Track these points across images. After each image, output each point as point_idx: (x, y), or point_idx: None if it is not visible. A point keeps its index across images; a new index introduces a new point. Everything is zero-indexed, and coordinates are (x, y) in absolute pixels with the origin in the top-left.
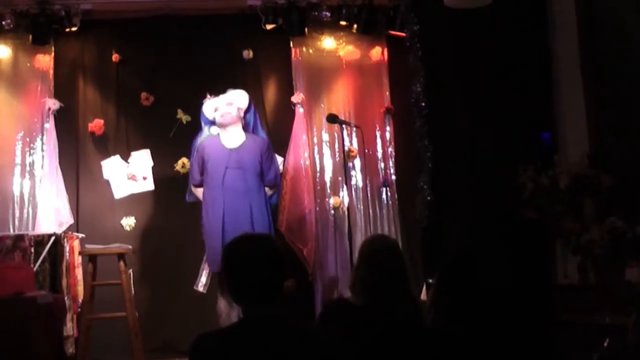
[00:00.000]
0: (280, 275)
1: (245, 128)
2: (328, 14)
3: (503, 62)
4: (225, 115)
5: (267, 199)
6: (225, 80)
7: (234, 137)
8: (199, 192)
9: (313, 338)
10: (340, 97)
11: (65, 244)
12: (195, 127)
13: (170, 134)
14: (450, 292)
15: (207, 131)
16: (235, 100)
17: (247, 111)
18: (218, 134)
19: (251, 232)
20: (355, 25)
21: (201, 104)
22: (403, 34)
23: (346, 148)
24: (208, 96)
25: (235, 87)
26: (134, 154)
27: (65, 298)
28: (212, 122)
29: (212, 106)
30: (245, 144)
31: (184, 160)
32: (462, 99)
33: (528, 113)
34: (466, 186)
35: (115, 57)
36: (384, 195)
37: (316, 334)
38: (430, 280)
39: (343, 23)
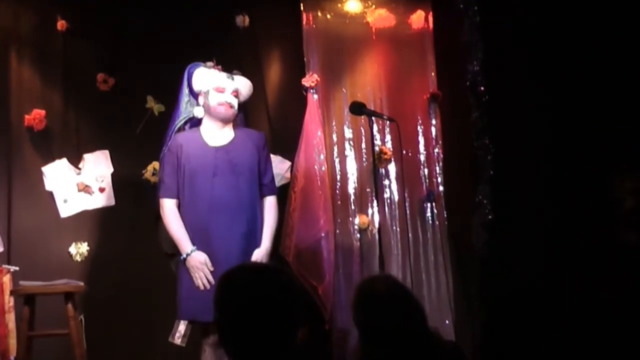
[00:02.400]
0: (293, 322)
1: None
2: None
3: (596, 35)
4: (229, 108)
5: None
6: (213, 58)
7: (220, 132)
8: (168, 208)
9: None
10: (368, 80)
11: None
12: (170, 119)
13: (137, 129)
14: None
15: (186, 108)
16: (241, 90)
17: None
18: (200, 124)
19: (252, 262)
20: None
21: (189, 73)
22: None
23: (377, 149)
24: (212, 63)
25: (226, 65)
26: (87, 156)
27: None
28: (197, 97)
29: (212, 79)
30: (236, 141)
31: (156, 165)
32: (536, 83)
33: (629, 105)
34: (540, 201)
35: (61, 24)
36: (428, 213)
37: None
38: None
39: None
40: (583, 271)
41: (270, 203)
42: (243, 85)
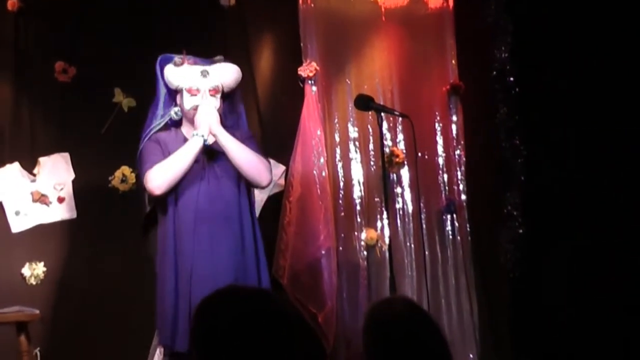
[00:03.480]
0: (287, 358)
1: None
2: None
3: None
4: (207, 114)
5: (258, 228)
6: (192, 43)
7: None
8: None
9: None
10: (377, 69)
11: None
12: (143, 116)
13: (102, 128)
14: None
15: (164, 106)
16: (224, 82)
17: (231, 95)
18: (180, 124)
19: (241, 285)
20: None
21: (159, 69)
22: None
23: (387, 150)
24: (182, 57)
25: (207, 52)
26: (43, 160)
27: None
28: (175, 94)
29: (182, 79)
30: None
31: (125, 170)
32: (575, 72)
33: None
34: (579, 212)
35: (11, 3)
36: (448, 227)
37: None
38: None
39: None
40: (630, 295)
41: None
42: (225, 75)
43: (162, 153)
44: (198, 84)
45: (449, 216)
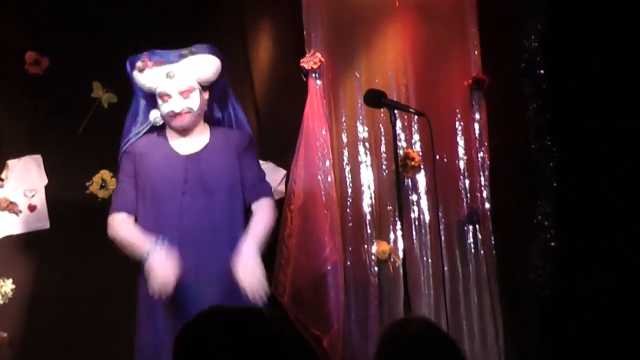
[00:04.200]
0: None
1: (209, 119)
2: None
3: None
4: (183, 116)
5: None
6: (181, 32)
7: (192, 136)
8: (120, 219)
9: None
10: (389, 61)
11: None
12: (125, 113)
13: (79, 127)
14: None
15: (143, 112)
16: (200, 78)
17: (215, 87)
18: (163, 128)
19: (229, 306)
20: None
21: (130, 68)
22: None
23: (401, 153)
24: (144, 60)
25: (196, 42)
26: (12, 163)
27: None
28: (152, 97)
29: (150, 84)
30: (210, 145)
31: (105, 174)
32: (615, 63)
33: None
34: (622, 221)
35: None
36: (469, 239)
37: None
38: None
39: None
40: None
41: (263, 205)
42: (198, 69)
43: (133, 173)
44: (167, 88)
45: (470, 227)
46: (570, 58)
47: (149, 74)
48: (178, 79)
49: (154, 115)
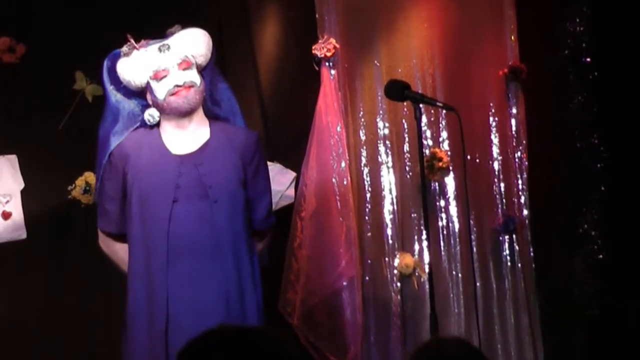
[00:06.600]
0: None
1: (208, 110)
2: None
3: None
4: (188, 91)
5: (257, 263)
6: (173, 17)
7: (187, 131)
8: (118, 248)
9: None
10: (413, 48)
11: None
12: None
13: (59, 122)
14: None
15: (130, 107)
16: (193, 51)
17: (209, 70)
18: (158, 122)
19: (237, 325)
20: None
21: (110, 69)
22: None
23: (427, 152)
24: (128, 44)
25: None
26: None
27: None
28: (138, 96)
29: (142, 66)
30: (211, 145)
31: (89, 177)
32: None
33: None
34: None
35: None
36: (505, 251)
37: None
38: None
39: None
40: None
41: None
42: (192, 42)
43: (121, 177)
44: (163, 62)
45: (506, 237)
46: (620, 44)
47: (138, 56)
48: (173, 50)
49: (149, 114)
